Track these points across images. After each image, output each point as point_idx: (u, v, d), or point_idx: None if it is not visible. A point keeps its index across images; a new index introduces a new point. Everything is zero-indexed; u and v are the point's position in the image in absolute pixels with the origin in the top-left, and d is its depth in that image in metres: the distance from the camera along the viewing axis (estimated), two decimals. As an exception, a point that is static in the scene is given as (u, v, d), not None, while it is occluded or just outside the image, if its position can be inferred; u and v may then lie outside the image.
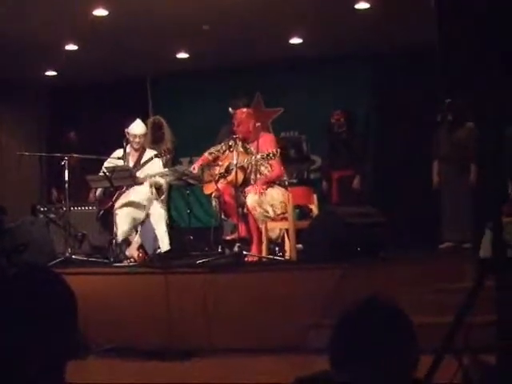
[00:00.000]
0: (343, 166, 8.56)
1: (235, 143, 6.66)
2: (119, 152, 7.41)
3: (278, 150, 6.40)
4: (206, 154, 7.15)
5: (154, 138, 8.04)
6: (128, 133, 7.40)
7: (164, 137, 8.15)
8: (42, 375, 1.45)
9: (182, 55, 9.85)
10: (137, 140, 7.39)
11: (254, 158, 6.52)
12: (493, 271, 2.73)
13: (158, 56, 9.64)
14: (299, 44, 9.42)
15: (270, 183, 6.64)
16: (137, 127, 7.43)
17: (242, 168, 6.52)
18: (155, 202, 7.18)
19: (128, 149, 7.41)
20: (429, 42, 7.29)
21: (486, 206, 6.19)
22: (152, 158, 7.19)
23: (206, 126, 9.25)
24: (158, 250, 7.02)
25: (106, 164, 7.30)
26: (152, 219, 7.04)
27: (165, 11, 7.89)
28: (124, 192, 7.16)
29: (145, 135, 7.54)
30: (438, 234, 7.39)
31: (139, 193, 7.09)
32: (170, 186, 7.84)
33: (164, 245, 6.98)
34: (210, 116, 9.55)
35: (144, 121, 7.87)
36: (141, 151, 7.46)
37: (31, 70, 10.06)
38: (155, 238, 7.04)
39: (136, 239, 7.13)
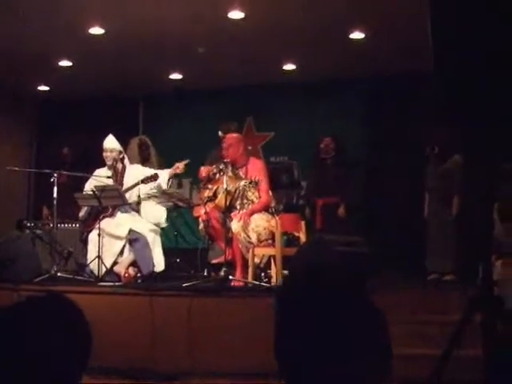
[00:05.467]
0: (328, 193, 8.41)
1: (226, 167, 6.69)
2: (100, 171, 7.37)
3: (259, 179, 6.46)
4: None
5: (141, 158, 7.99)
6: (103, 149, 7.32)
7: (151, 155, 8.12)
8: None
9: (176, 76, 9.90)
10: (107, 154, 7.26)
11: (238, 184, 6.57)
12: (480, 309, 2.75)
13: (152, 75, 9.68)
14: (292, 70, 9.50)
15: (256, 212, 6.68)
16: (107, 141, 7.31)
17: (229, 193, 6.54)
18: (148, 224, 7.17)
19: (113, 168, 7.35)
20: (422, 73, 7.35)
21: (470, 239, 6.23)
22: (138, 183, 7.09)
23: (197, 147, 9.24)
24: (154, 270, 7.03)
25: (91, 182, 7.24)
26: (149, 240, 7.03)
27: (160, 32, 7.95)
28: (109, 215, 7.11)
29: (118, 151, 7.34)
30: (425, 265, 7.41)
31: (121, 220, 7.10)
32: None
33: (159, 266, 7.04)
34: (201, 137, 9.53)
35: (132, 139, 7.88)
36: (122, 169, 7.35)
37: (23, 83, 10.07)
38: (151, 258, 7.03)
39: (124, 257, 7.06)
